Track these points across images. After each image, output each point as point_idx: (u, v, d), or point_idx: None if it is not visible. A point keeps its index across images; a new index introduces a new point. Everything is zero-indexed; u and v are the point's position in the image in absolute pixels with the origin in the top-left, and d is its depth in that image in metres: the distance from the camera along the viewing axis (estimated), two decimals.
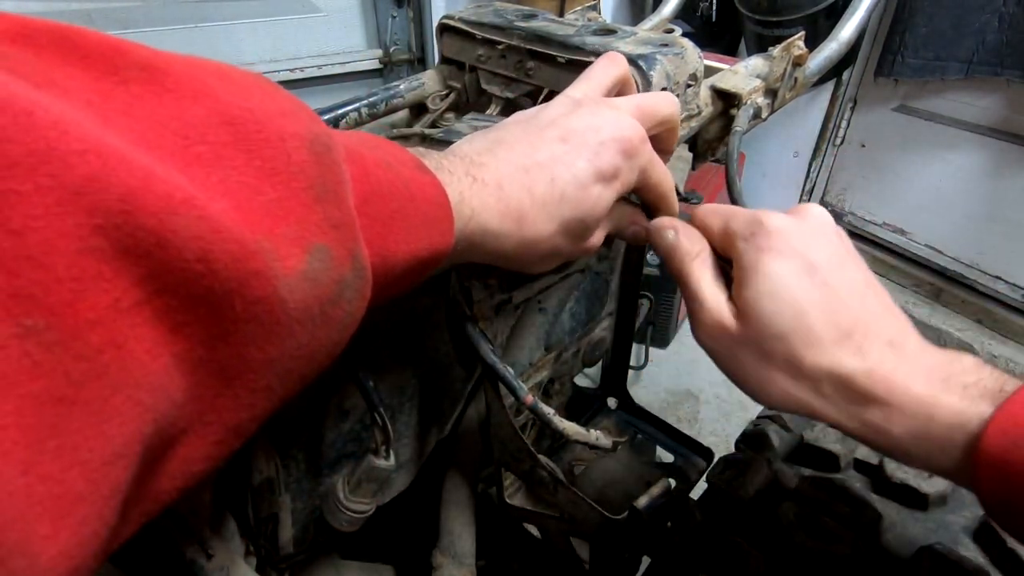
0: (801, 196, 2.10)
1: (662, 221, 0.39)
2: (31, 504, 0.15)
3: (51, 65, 0.18)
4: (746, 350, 0.35)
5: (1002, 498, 0.29)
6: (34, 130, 0.15)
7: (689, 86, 0.49)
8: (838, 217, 2.07)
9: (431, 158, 0.32)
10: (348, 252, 0.23)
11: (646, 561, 0.61)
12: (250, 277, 0.19)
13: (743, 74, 0.56)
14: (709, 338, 0.36)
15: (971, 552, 0.44)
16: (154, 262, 0.17)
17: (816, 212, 0.37)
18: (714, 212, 0.38)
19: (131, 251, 0.16)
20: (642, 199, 0.40)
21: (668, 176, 0.39)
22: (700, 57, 0.49)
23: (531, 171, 0.33)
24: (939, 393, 0.31)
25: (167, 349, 0.18)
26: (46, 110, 0.16)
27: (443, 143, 0.50)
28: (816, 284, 0.33)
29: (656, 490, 0.48)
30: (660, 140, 0.40)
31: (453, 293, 0.41)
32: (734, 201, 0.52)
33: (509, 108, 0.58)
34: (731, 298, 0.36)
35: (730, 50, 1.92)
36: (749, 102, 0.55)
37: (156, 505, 0.20)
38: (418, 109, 0.62)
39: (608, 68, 0.40)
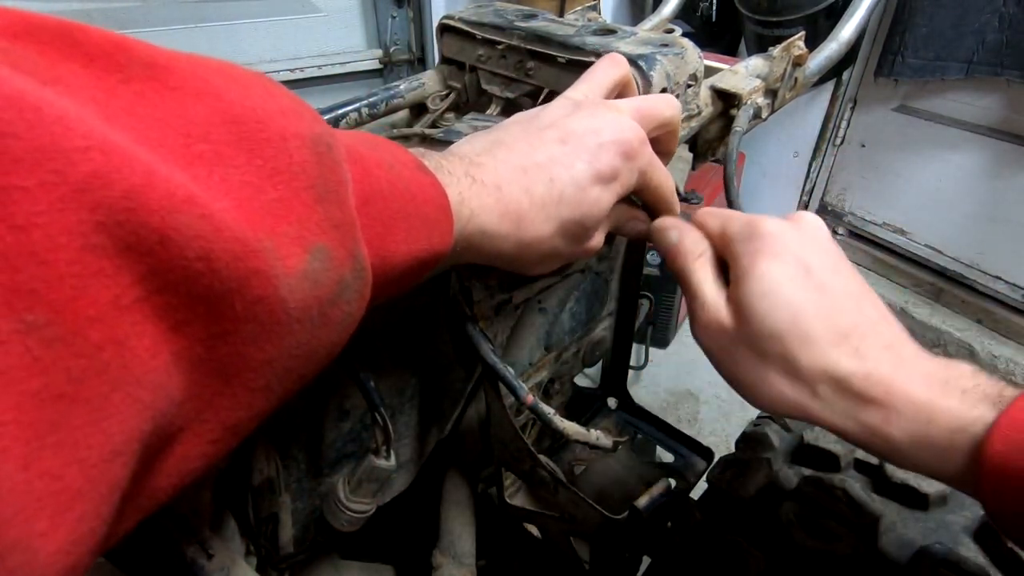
0: (801, 196, 2.10)
1: (664, 221, 0.39)
2: (30, 500, 0.15)
3: (54, 62, 0.18)
4: (742, 349, 0.34)
5: (1007, 504, 0.28)
6: (39, 126, 0.15)
7: (689, 86, 0.49)
8: (838, 217, 2.07)
9: (431, 159, 0.32)
10: (348, 252, 0.23)
11: (646, 561, 0.61)
12: (251, 276, 0.19)
13: (743, 74, 0.56)
14: (706, 336, 0.36)
15: (971, 552, 0.44)
16: (155, 260, 0.17)
17: (811, 219, 0.37)
18: (712, 214, 0.39)
19: (133, 248, 0.16)
20: (642, 200, 0.40)
21: (668, 178, 0.39)
22: (700, 57, 0.49)
23: (530, 172, 0.33)
24: (938, 397, 0.30)
25: (166, 347, 0.18)
26: (51, 106, 0.15)
27: (443, 143, 0.50)
28: (812, 286, 0.33)
29: (656, 490, 0.48)
30: (660, 142, 0.40)
31: (453, 293, 0.41)
32: (730, 202, 0.52)
33: (509, 108, 0.58)
34: (729, 298, 0.36)
35: (730, 50, 1.92)
36: (749, 102, 0.55)
37: (152, 502, 0.20)
38: (418, 109, 0.62)
39: (609, 69, 0.40)
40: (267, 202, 0.20)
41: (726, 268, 0.37)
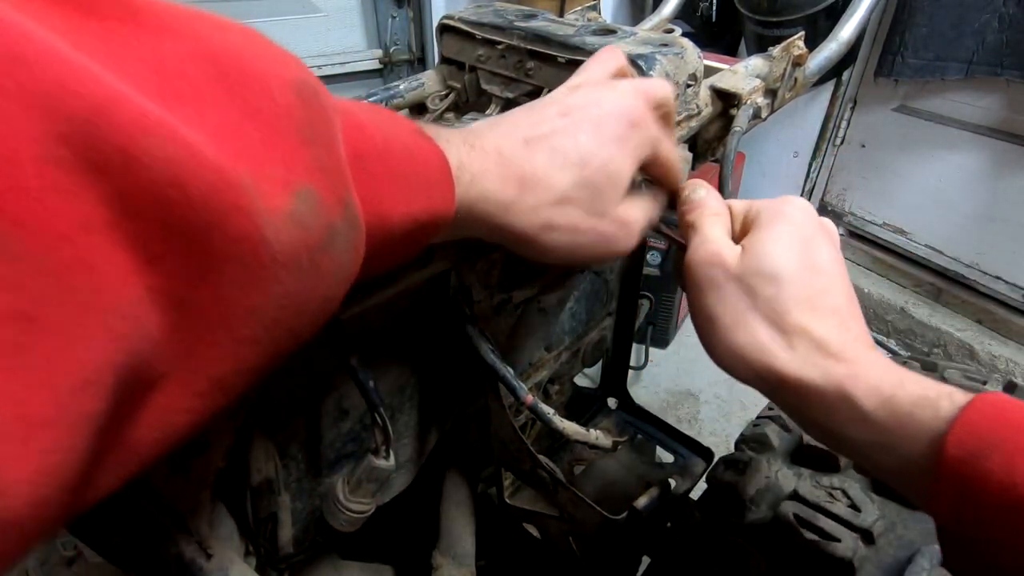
0: (801, 196, 2.10)
1: (695, 181, 0.41)
2: None
3: (23, 3, 0.17)
4: (732, 285, 0.35)
5: (967, 501, 0.27)
6: (4, 36, 0.15)
7: (689, 86, 0.49)
8: (838, 217, 2.06)
9: (427, 127, 0.31)
10: (338, 198, 0.23)
11: (646, 561, 0.61)
12: (230, 211, 0.18)
13: (743, 74, 0.56)
14: (700, 267, 0.36)
15: None
16: (123, 182, 0.16)
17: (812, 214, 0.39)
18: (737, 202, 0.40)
19: (97, 166, 0.16)
20: (651, 176, 0.40)
21: (676, 153, 0.39)
22: (700, 57, 0.49)
23: (531, 143, 0.33)
24: (906, 373, 0.31)
25: (141, 280, 0.17)
26: (19, 23, 0.15)
27: None
28: (817, 264, 0.35)
29: (656, 490, 0.48)
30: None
31: (453, 293, 0.41)
32: None
33: (509, 108, 0.57)
34: (739, 242, 0.37)
35: (730, 50, 1.92)
36: (749, 102, 0.55)
37: (135, 457, 0.20)
38: (418, 109, 0.62)
39: (606, 61, 0.40)
40: (248, 141, 0.20)
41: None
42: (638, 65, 0.45)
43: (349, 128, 0.25)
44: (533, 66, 0.51)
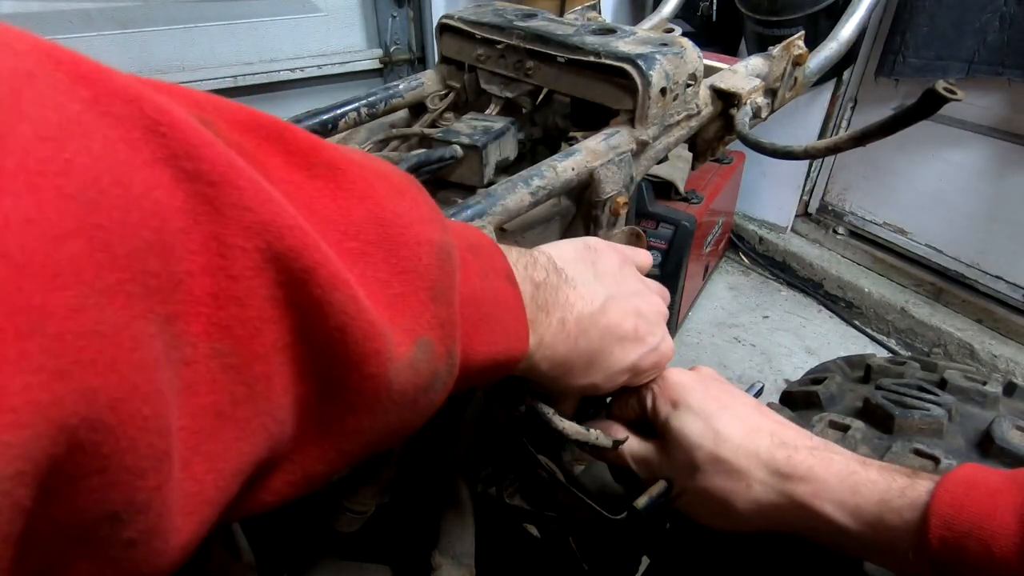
0: (801, 196, 2.10)
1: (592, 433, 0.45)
2: (178, 497, 0.18)
3: (266, 154, 0.23)
4: (683, 476, 0.41)
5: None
6: (268, 203, 0.19)
7: (688, 85, 0.49)
8: (838, 217, 2.06)
9: (516, 267, 0.34)
10: (447, 348, 0.27)
11: (646, 561, 0.61)
12: (371, 354, 0.22)
13: (743, 74, 0.56)
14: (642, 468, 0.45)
15: None
16: (309, 319, 0.21)
17: (704, 369, 0.46)
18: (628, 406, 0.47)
19: (297, 305, 0.20)
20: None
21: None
22: (700, 57, 0.49)
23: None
24: (858, 467, 0.36)
25: (293, 390, 0.21)
26: (271, 191, 0.20)
27: (442, 142, 0.50)
28: (713, 399, 0.41)
29: (655, 490, 0.48)
30: None
31: None
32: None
33: (508, 108, 0.57)
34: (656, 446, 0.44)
35: (730, 50, 1.92)
36: (749, 102, 0.55)
37: (241, 513, 0.23)
38: (418, 109, 0.62)
39: None
40: (391, 295, 0.24)
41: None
42: (637, 64, 0.45)
43: (462, 278, 0.29)
44: (532, 66, 0.51)
